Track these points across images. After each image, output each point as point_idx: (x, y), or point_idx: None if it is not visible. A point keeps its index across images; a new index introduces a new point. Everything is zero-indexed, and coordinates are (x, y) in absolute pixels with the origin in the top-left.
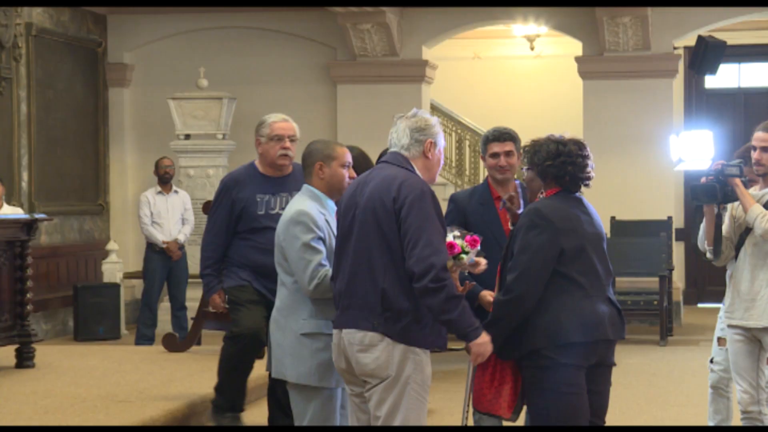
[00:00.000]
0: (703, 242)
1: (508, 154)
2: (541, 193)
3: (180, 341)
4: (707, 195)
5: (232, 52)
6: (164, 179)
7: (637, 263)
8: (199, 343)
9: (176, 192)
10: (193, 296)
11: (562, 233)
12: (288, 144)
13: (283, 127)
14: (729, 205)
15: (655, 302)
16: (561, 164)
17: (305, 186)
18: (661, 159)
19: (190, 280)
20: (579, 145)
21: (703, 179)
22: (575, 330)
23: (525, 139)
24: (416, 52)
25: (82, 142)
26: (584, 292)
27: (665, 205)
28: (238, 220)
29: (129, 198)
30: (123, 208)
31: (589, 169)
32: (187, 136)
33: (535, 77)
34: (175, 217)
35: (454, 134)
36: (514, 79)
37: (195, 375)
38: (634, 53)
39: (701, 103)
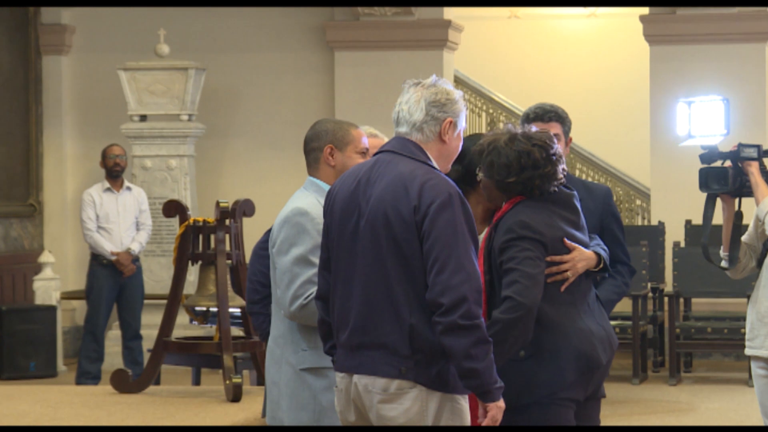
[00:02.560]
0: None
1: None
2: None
3: (134, 380)
4: (718, 181)
5: (200, 10)
6: (113, 173)
7: (720, 280)
8: (157, 383)
9: (129, 189)
10: (150, 322)
11: (552, 244)
12: None
13: (375, 144)
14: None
15: (743, 330)
16: (527, 180)
17: (309, 178)
18: None
19: (146, 301)
20: (544, 146)
21: (719, 163)
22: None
23: (577, 123)
24: (436, 10)
25: (8, 125)
26: (575, 309)
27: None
28: None
29: (68, 197)
30: (61, 209)
31: (560, 175)
32: (143, 118)
33: (589, 42)
34: (127, 221)
35: (484, 114)
36: (561, 44)
37: (153, 423)
38: (716, 11)
39: None
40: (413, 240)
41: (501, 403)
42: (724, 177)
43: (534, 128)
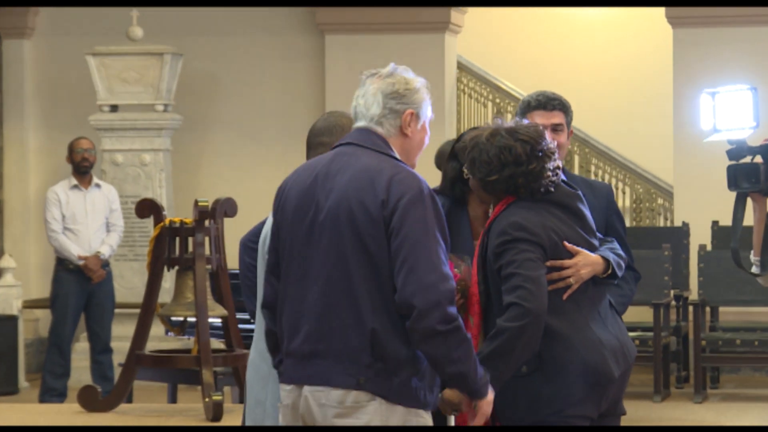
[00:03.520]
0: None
1: (555, 128)
2: (491, 208)
3: (103, 397)
4: (748, 179)
5: None
6: (81, 168)
7: (750, 287)
8: (129, 401)
9: (98, 186)
10: (121, 333)
11: (551, 248)
12: None
13: None
14: None
15: None
16: (508, 178)
17: None
18: None
19: (117, 310)
20: (529, 142)
21: (749, 158)
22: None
23: (592, 114)
24: None
25: None
26: (582, 318)
27: None
28: None
29: (31, 195)
30: (22, 208)
31: (548, 173)
32: (114, 108)
33: (604, 25)
34: (96, 222)
35: (490, 104)
36: (574, 28)
37: None
38: None
39: None
40: (380, 236)
41: (489, 397)
42: (754, 174)
43: (526, 121)
